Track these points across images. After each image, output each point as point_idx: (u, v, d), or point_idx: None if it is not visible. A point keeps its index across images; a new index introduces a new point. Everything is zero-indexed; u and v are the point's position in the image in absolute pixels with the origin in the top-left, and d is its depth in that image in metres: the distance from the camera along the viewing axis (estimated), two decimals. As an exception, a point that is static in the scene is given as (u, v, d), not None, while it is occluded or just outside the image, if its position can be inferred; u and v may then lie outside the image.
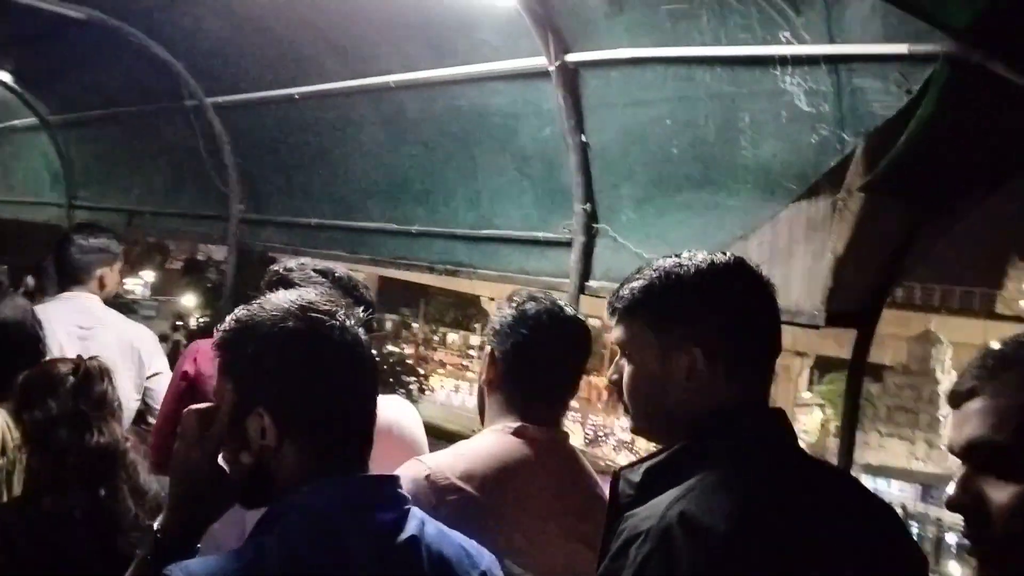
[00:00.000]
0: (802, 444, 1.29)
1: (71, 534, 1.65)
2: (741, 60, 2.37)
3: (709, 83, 2.48)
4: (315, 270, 1.73)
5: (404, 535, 1.10)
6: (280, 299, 1.14)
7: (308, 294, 1.16)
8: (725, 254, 1.27)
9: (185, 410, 1.15)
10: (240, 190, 4.51)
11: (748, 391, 1.17)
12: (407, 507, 1.15)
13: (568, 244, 2.92)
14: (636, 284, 1.25)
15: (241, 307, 1.15)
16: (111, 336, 3.01)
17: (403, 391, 23.50)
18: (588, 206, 2.87)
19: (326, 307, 1.13)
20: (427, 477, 1.42)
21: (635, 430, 1.27)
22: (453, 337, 37.94)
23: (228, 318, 1.15)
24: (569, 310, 1.71)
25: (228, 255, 4.71)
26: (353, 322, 1.14)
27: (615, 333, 1.27)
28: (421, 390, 28.15)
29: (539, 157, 3.04)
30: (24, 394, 1.77)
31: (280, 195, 4.37)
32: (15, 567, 1.61)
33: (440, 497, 1.39)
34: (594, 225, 2.88)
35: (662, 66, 2.57)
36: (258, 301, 1.15)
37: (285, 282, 1.72)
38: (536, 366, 1.60)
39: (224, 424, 1.12)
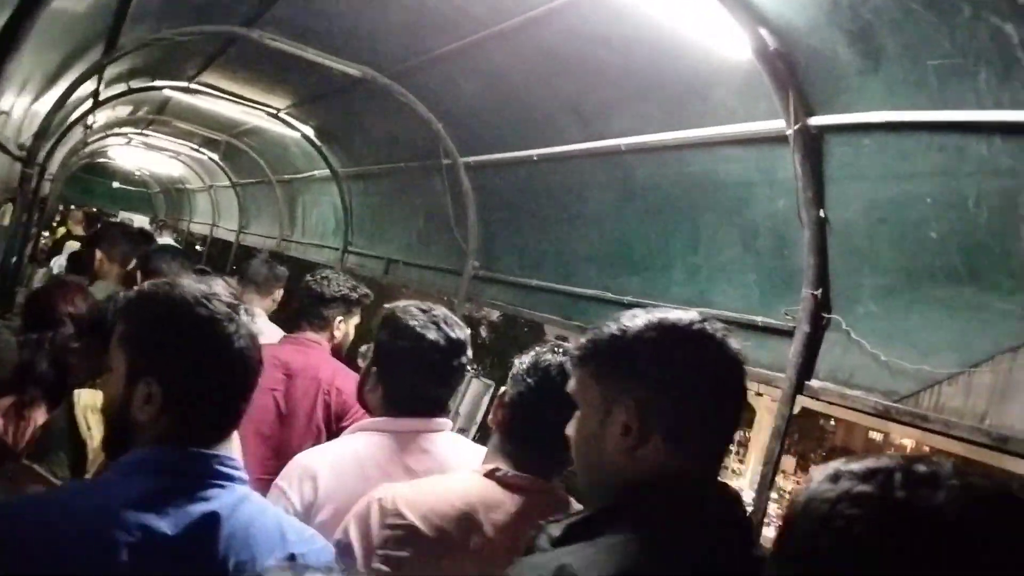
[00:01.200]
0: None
1: None
2: (1027, 128, 1.89)
3: (984, 156, 2.01)
4: (419, 308, 1.70)
5: (205, 507, 1.14)
6: (189, 286, 1.21)
7: (217, 287, 1.22)
8: (691, 314, 1.16)
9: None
10: (477, 247, 4.58)
11: (688, 462, 1.08)
12: (225, 485, 1.18)
13: (790, 334, 2.52)
14: (591, 334, 1.20)
15: (149, 284, 1.24)
16: None
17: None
18: (819, 292, 2.45)
19: (228, 300, 1.21)
20: (379, 500, 1.40)
21: (580, 487, 1.24)
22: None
23: (133, 292, 1.28)
24: None
25: (458, 311, 4.78)
26: (251, 321, 1.23)
27: (569, 384, 1.23)
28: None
29: (769, 232, 2.69)
30: None
31: (511, 255, 4.36)
32: None
33: (382, 522, 1.38)
34: (824, 315, 2.46)
35: (926, 133, 2.14)
36: (167, 283, 1.23)
37: (390, 318, 1.77)
38: (533, 420, 1.52)
39: (117, 387, 1.21)
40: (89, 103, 5.77)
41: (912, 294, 2.26)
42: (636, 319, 1.16)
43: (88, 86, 4.84)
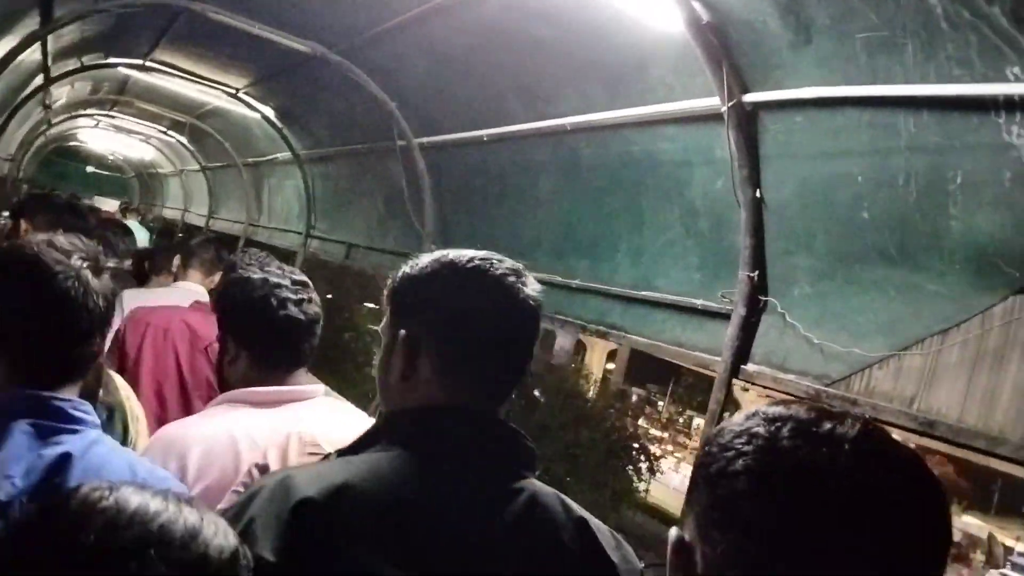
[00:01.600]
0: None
1: None
2: (954, 103, 1.84)
3: (912, 132, 1.95)
4: (247, 263, 1.80)
5: (57, 450, 1.15)
6: (35, 239, 1.23)
7: (60, 239, 1.23)
8: (476, 252, 1.18)
9: None
10: (434, 231, 4.50)
11: (456, 394, 1.11)
12: (77, 429, 1.19)
13: (728, 316, 2.46)
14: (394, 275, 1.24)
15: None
16: None
17: (631, 468, 22.70)
18: (755, 274, 2.39)
19: (63, 247, 1.21)
20: (298, 433, 1.43)
21: None
22: (699, 422, 36.33)
23: None
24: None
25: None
26: (84, 266, 1.21)
27: None
28: (651, 471, 27.07)
29: (708, 213, 2.63)
30: None
31: (465, 238, 4.28)
32: None
33: (301, 450, 1.42)
34: (761, 298, 2.40)
35: (856, 109, 2.08)
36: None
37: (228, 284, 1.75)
38: None
39: None
40: (40, 79, 5.62)
41: (845, 276, 2.21)
42: (426, 257, 1.19)
43: (32, 59, 4.71)
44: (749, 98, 2.32)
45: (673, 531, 0.75)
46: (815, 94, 2.14)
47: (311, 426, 1.47)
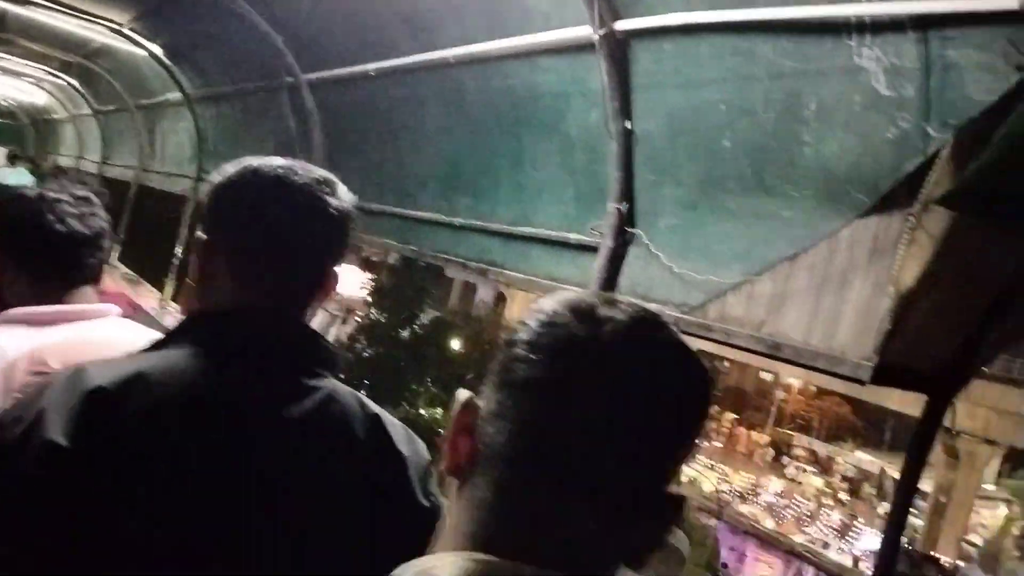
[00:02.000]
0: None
1: None
2: (809, 26, 1.84)
3: (771, 58, 1.95)
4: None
5: None
6: None
7: None
8: (284, 161, 1.16)
9: None
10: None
11: (246, 297, 1.12)
12: None
13: (597, 249, 2.45)
14: None
15: None
16: None
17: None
18: (624, 206, 2.39)
19: None
20: (30, 352, 1.39)
21: None
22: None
23: None
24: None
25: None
26: None
27: None
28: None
29: (584, 146, 2.60)
30: None
31: (354, 178, 4.14)
32: None
33: (28, 369, 1.38)
34: (627, 229, 2.40)
35: (719, 36, 2.07)
36: None
37: None
38: None
39: None
40: None
41: (708, 205, 2.22)
42: (233, 166, 1.15)
43: None
44: (620, 25, 2.28)
45: (464, 392, 0.78)
46: (681, 20, 2.12)
47: (48, 345, 1.38)
